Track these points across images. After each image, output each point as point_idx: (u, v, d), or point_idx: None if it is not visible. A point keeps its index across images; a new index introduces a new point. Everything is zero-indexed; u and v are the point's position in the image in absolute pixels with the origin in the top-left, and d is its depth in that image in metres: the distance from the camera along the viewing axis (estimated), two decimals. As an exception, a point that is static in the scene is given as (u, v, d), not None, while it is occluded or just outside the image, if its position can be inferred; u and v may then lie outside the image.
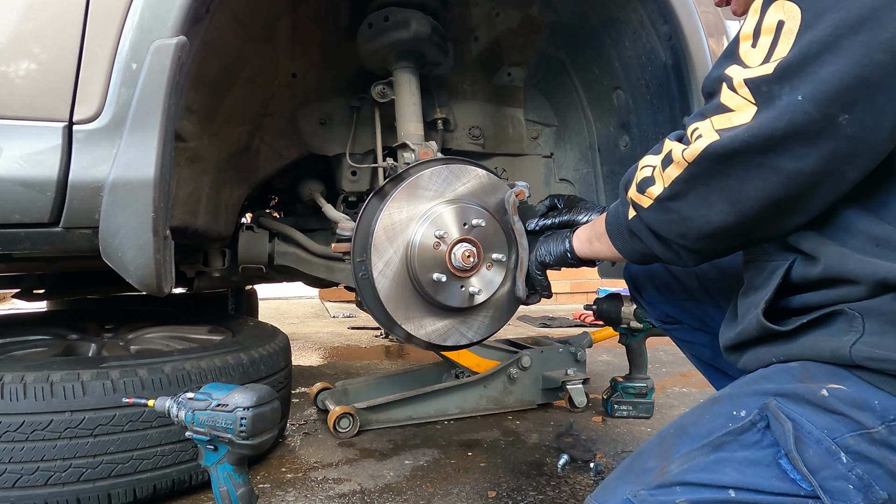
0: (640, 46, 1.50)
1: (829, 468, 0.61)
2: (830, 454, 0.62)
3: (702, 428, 0.70)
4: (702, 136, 0.68)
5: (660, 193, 0.73)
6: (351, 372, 2.75)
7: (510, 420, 2.01)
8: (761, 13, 0.67)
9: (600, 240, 0.92)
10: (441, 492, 1.43)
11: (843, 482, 0.61)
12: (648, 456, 0.72)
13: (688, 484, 0.65)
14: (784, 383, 0.68)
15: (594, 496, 0.71)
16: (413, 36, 1.45)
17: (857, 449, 0.61)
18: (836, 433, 0.62)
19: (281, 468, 1.57)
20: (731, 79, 0.67)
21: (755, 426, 0.66)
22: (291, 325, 4.36)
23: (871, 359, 0.63)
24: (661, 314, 1.20)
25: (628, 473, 0.72)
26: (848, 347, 0.65)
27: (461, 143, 1.83)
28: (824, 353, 0.67)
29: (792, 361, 0.70)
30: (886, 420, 0.62)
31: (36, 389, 1.18)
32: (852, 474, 0.61)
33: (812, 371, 0.67)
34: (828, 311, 0.68)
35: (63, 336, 1.81)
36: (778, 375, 0.70)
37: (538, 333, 2.95)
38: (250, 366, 1.49)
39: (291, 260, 1.87)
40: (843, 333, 0.66)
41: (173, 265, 1.04)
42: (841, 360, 0.66)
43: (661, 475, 0.68)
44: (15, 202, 0.93)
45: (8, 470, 1.15)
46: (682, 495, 0.65)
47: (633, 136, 1.63)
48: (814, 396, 0.65)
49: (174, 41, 0.96)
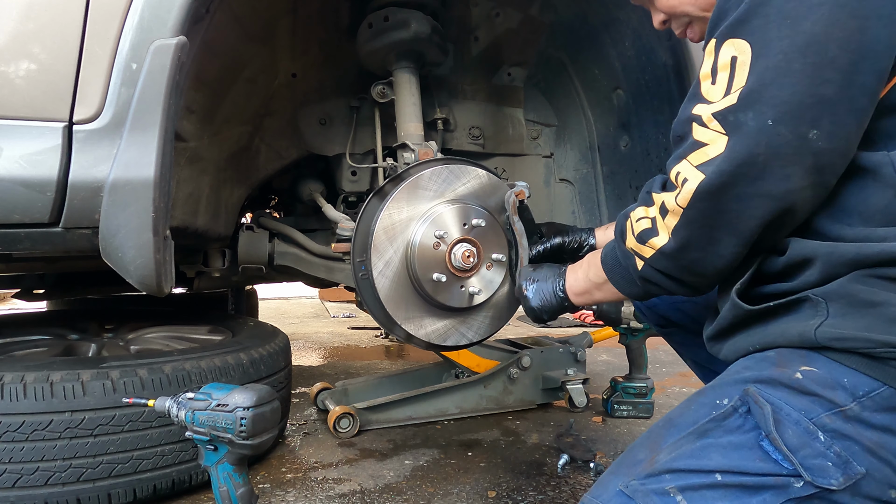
0: (640, 47, 1.50)
1: (808, 447, 0.64)
2: (809, 433, 0.64)
3: (687, 418, 0.73)
4: (687, 178, 0.72)
5: (665, 244, 0.77)
6: (351, 372, 2.75)
7: (510, 420, 2.01)
8: (715, 53, 0.72)
9: (602, 289, 0.95)
10: (441, 492, 1.43)
11: (822, 460, 0.63)
12: (639, 450, 0.74)
13: (676, 471, 0.68)
14: (762, 370, 0.71)
15: (590, 493, 0.73)
16: (413, 36, 1.45)
17: (833, 427, 0.64)
18: (812, 413, 0.65)
19: (281, 468, 1.57)
20: (700, 116, 0.72)
21: (737, 411, 0.69)
22: (291, 325, 4.36)
23: (835, 339, 0.67)
24: (657, 318, 1.21)
25: (620, 467, 0.74)
26: (813, 330, 0.68)
27: (461, 144, 1.83)
28: (794, 338, 0.71)
29: (768, 350, 0.74)
30: (857, 396, 0.65)
31: (36, 389, 1.18)
32: (830, 452, 0.64)
33: (787, 357, 0.71)
34: (795, 298, 0.71)
35: (63, 336, 1.81)
36: (756, 364, 0.73)
37: (538, 333, 2.95)
38: (250, 366, 1.49)
39: (291, 260, 1.87)
40: (810, 318, 0.70)
41: (173, 265, 1.04)
42: (809, 343, 0.69)
43: (650, 465, 0.70)
44: (15, 202, 0.93)
45: (8, 470, 1.15)
46: (671, 482, 0.67)
47: (633, 137, 1.63)
48: (789, 380, 0.68)
49: (174, 41, 0.96)
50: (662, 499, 0.66)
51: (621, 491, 0.69)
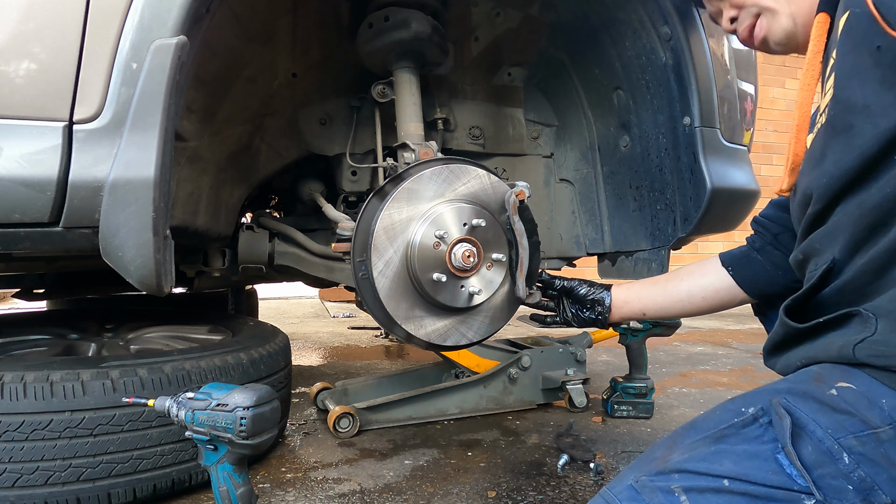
0: (641, 47, 1.50)
1: (828, 466, 0.62)
2: (831, 454, 0.62)
3: (709, 422, 0.72)
4: None
5: None
6: (351, 372, 2.75)
7: (510, 420, 2.01)
8: None
9: None
10: (441, 492, 1.43)
11: (842, 481, 0.61)
12: (658, 448, 0.75)
13: (685, 472, 0.67)
14: (797, 383, 0.69)
15: (608, 485, 0.74)
16: (413, 36, 1.45)
17: (862, 451, 0.62)
18: (840, 433, 0.63)
19: (281, 468, 1.57)
20: None
21: (757, 421, 0.68)
22: (291, 325, 4.36)
23: (874, 355, 0.64)
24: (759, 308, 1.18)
25: (638, 463, 0.74)
26: (852, 346, 0.66)
27: (461, 143, 1.83)
28: (834, 353, 0.69)
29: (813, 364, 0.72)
30: (894, 421, 0.62)
31: (36, 389, 1.18)
32: (854, 475, 0.61)
33: (827, 372, 0.69)
34: (845, 313, 0.69)
35: (63, 336, 1.81)
36: (795, 376, 0.72)
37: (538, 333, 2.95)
38: (250, 365, 1.49)
39: (291, 260, 1.87)
40: (856, 333, 0.67)
41: (173, 265, 1.04)
42: (846, 359, 0.67)
43: (662, 463, 0.70)
44: (15, 202, 0.93)
45: (8, 469, 1.15)
46: (678, 481, 0.67)
47: (634, 137, 1.63)
48: (822, 395, 0.65)
49: (174, 41, 0.96)
50: (667, 497, 0.66)
51: (631, 485, 0.69)
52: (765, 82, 6.20)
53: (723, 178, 1.43)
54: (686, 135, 1.44)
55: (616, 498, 0.69)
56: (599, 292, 1.22)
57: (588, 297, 1.22)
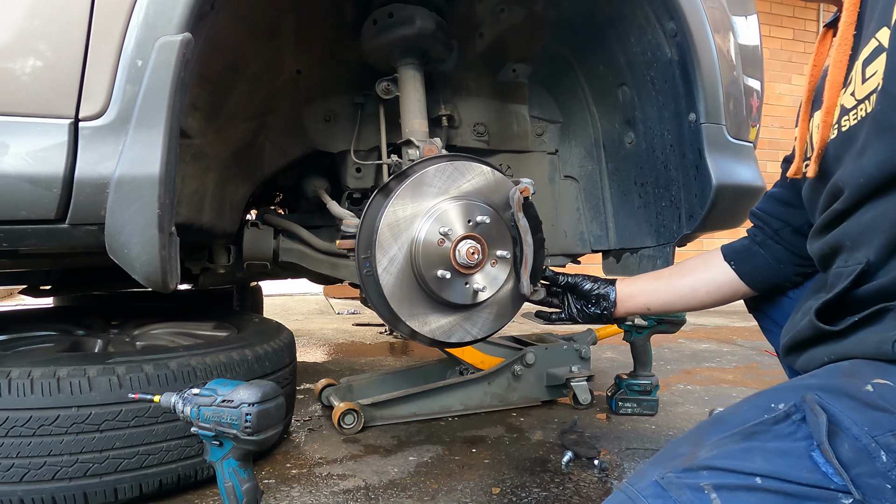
0: (646, 43, 1.49)
1: (865, 465, 0.60)
2: (868, 452, 0.60)
3: (737, 418, 0.70)
4: None
5: None
6: (355, 368, 2.76)
7: (514, 417, 2.01)
8: None
9: None
10: (445, 488, 1.44)
11: (880, 480, 0.59)
12: (682, 443, 0.72)
13: (714, 469, 0.65)
14: (829, 378, 0.67)
15: (628, 480, 0.71)
16: (417, 32, 1.45)
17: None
18: (876, 430, 0.61)
19: (286, 464, 1.58)
20: None
21: (790, 417, 0.66)
22: (296, 322, 4.37)
23: None
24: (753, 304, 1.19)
25: (661, 458, 0.72)
26: (891, 342, 0.64)
27: (465, 140, 1.82)
28: (870, 349, 0.67)
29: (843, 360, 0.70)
30: None
31: (43, 385, 1.18)
32: (892, 474, 0.59)
33: (860, 367, 0.67)
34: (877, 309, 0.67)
35: (69, 332, 1.82)
36: (825, 372, 0.70)
37: (542, 330, 2.94)
38: (255, 362, 1.49)
39: (296, 256, 1.87)
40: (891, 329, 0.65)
41: (179, 261, 1.04)
42: (885, 356, 0.65)
43: (689, 459, 0.67)
44: (21, 199, 0.94)
45: (16, 465, 1.16)
46: (708, 479, 0.64)
47: (639, 133, 1.62)
48: (857, 392, 0.64)
49: (179, 38, 0.96)
50: (696, 494, 0.63)
51: (657, 482, 0.67)
52: (771, 78, 6.17)
53: (728, 175, 1.43)
54: (691, 131, 1.43)
55: (640, 495, 0.67)
56: (604, 287, 1.22)
57: (593, 292, 1.22)
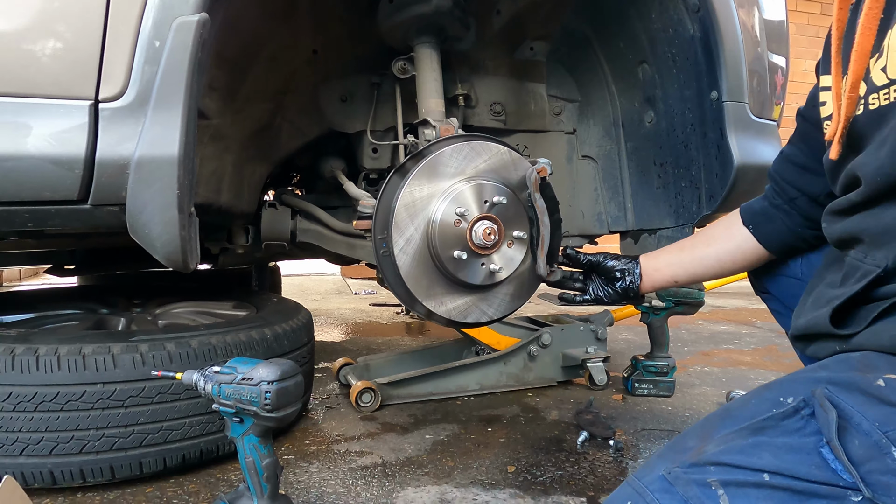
0: (667, 19, 1.46)
1: (876, 461, 0.59)
2: (879, 448, 0.59)
3: (746, 412, 0.69)
4: None
5: None
6: (372, 348, 2.79)
7: (530, 397, 2.02)
8: None
9: None
10: (461, 466, 1.45)
11: (891, 477, 0.58)
12: (690, 437, 0.71)
13: (721, 464, 0.64)
14: (839, 371, 0.66)
15: (636, 473, 0.71)
16: (434, 10, 1.43)
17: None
18: (888, 426, 0.59)
19: (305, 440, 1.61)
20: None
21: (798, 412, 0.65)
22: (314, 302, 4.41)
23: None
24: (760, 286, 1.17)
25: (668, 452, 0.71)
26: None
27: (482, 120, 1.81)
28: (884, 342, 0.65)
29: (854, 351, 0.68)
30: None
31: (69, 361, 1.22)
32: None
33: (873, 361, 0.65)
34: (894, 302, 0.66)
35: (93, 310, 1.86)
36: (836, 364, 0.68)
37: (559, 311, 2.94)
38: (274, 341, 1.51)
39: (313, 237, 1.88)
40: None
41: (198, 242, 1.05)
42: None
43: (697, 454, 0.67)
44: (45, 179, 0.95)
45: (45, 438, 1.20)
46: (715, 475, 0.63)
47: (659, 112, 1.59)
48: (869, 386, 0.62)
49: (196, 18, 0.96)
50: (703, 490, 0.62)
51: (663, 476, 0.66)
52: (796, 54, 5.99)
53: (751, 155, 1.40)
54: (713, 110, 1.40)
55: (647, 489, 0.66)
56: (628, 262, 1.20)
57: (617, 268, 1.20)
